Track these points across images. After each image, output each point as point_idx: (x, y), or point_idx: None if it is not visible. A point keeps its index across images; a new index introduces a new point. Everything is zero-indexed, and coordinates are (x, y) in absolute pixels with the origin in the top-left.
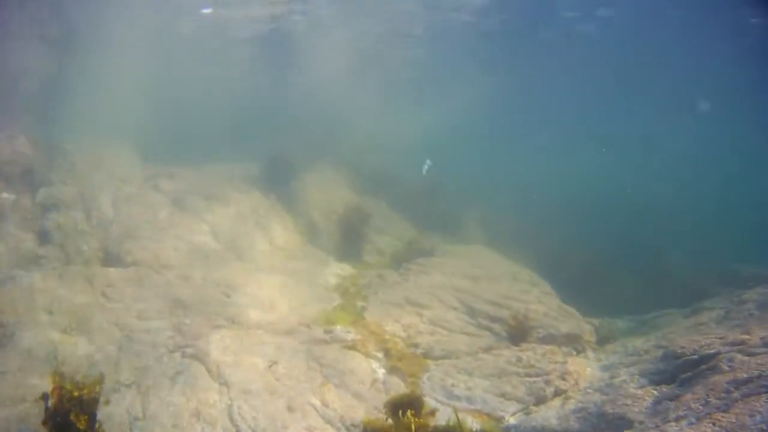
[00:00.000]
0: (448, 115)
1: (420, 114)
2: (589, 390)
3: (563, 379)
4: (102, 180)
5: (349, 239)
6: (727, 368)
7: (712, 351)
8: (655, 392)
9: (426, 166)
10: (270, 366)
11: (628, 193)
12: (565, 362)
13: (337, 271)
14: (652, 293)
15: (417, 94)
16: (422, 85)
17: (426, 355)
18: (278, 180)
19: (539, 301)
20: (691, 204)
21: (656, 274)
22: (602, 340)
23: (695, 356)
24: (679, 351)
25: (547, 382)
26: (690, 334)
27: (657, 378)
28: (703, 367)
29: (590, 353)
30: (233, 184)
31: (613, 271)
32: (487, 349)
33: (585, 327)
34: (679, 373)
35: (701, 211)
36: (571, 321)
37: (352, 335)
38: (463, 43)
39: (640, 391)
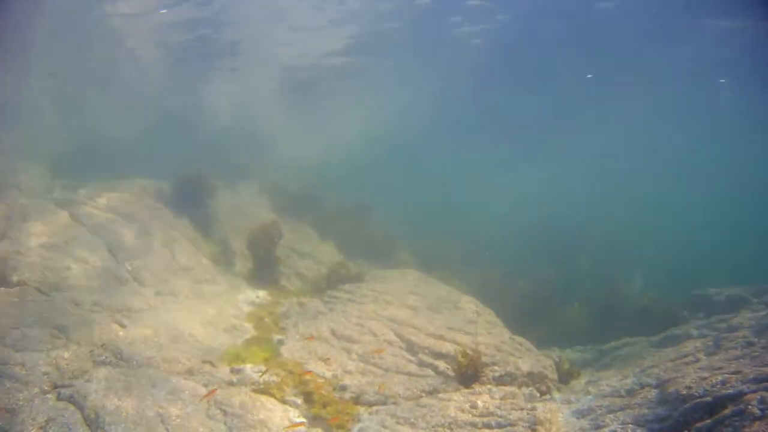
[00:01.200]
0: (376, 134)
1: (347, 134)
2: None
3: (533, 431)
4: None
5: (265, 263)
6: (759, 413)
7: (731, 391)
8: None
9: None
10: (160, 415)
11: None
12: (533, 409)
13: (251, 297)
14: (605, 321)
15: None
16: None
17: (357, 401)
18: (193, 199)
19: (488, 333)
20: (648, 228)
21: (608, 301)
22: (564, 377)
23: (708, 398)
24: (684, 392)
25: None
26: (679, 368)
27: (658, 427)
28: (726, 411)
29: (556, 394)
30: (142, 202)
31: (558, 299)
32: (432, 392)
33: (547, 363)
34: (690, 420)
35: (659, 236)
36: (529, 356)
37: (265, 376)
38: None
39: None
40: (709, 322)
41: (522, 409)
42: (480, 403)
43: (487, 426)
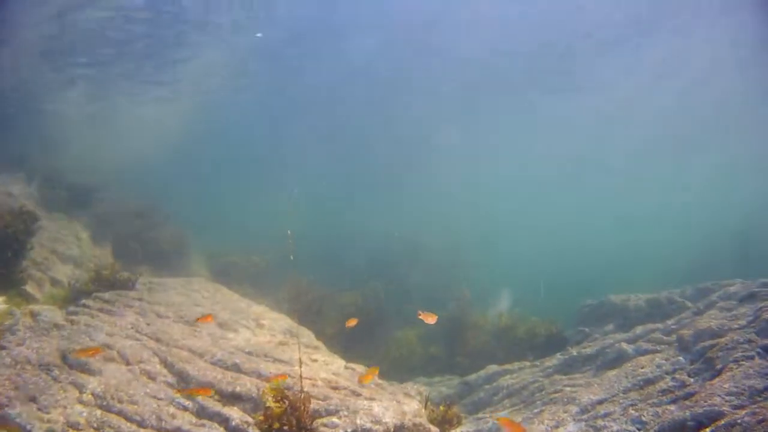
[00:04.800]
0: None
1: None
2: None
3: None
4: None
5: (4, 259)
6: None
7: None
8: None
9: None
10: None
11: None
12: None
13: None
14: (453, 346)
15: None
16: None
17: None
18: None
19: (311, 360)
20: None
21: (454, 321)
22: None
23: None
24: None
25: None
26: (659, 401)
27: None
28: None
29: None
30: None
31: (390, 318)
32: None
33: (413, 406)
34: None
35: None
36: (385, 396)
37: None
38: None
39: None
40: (637, 334)
41: None
42: None
43: None
